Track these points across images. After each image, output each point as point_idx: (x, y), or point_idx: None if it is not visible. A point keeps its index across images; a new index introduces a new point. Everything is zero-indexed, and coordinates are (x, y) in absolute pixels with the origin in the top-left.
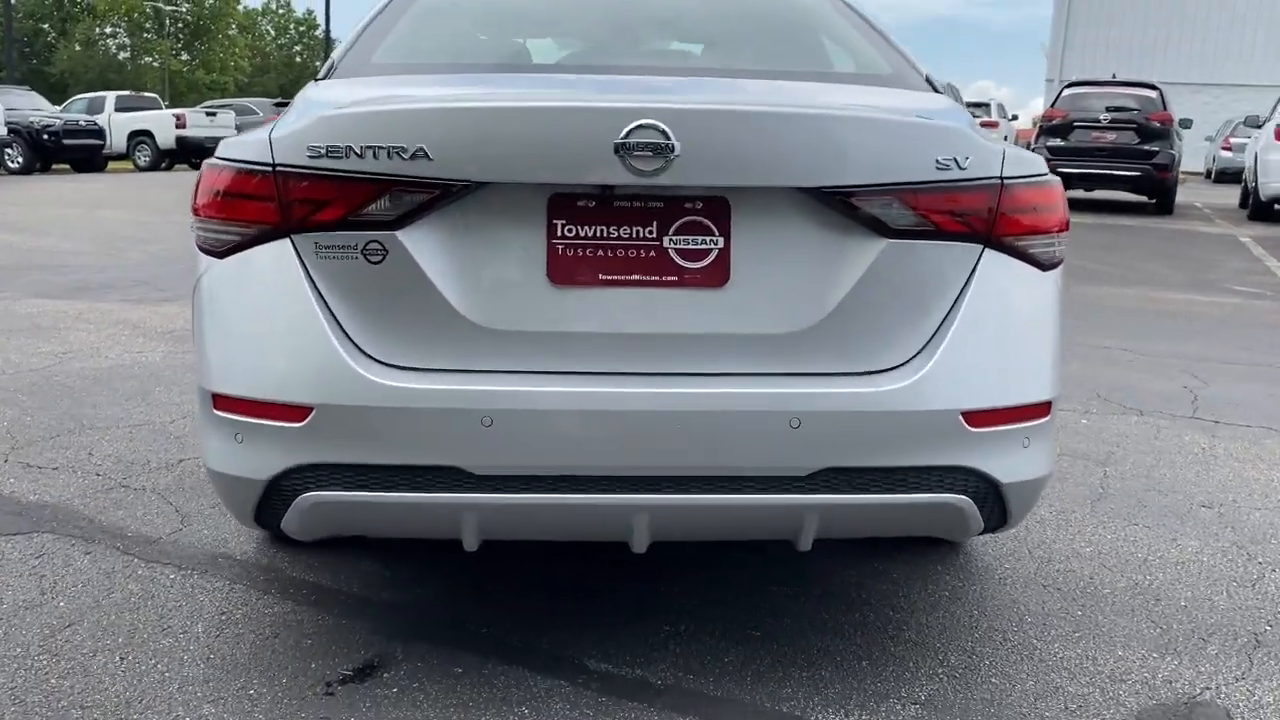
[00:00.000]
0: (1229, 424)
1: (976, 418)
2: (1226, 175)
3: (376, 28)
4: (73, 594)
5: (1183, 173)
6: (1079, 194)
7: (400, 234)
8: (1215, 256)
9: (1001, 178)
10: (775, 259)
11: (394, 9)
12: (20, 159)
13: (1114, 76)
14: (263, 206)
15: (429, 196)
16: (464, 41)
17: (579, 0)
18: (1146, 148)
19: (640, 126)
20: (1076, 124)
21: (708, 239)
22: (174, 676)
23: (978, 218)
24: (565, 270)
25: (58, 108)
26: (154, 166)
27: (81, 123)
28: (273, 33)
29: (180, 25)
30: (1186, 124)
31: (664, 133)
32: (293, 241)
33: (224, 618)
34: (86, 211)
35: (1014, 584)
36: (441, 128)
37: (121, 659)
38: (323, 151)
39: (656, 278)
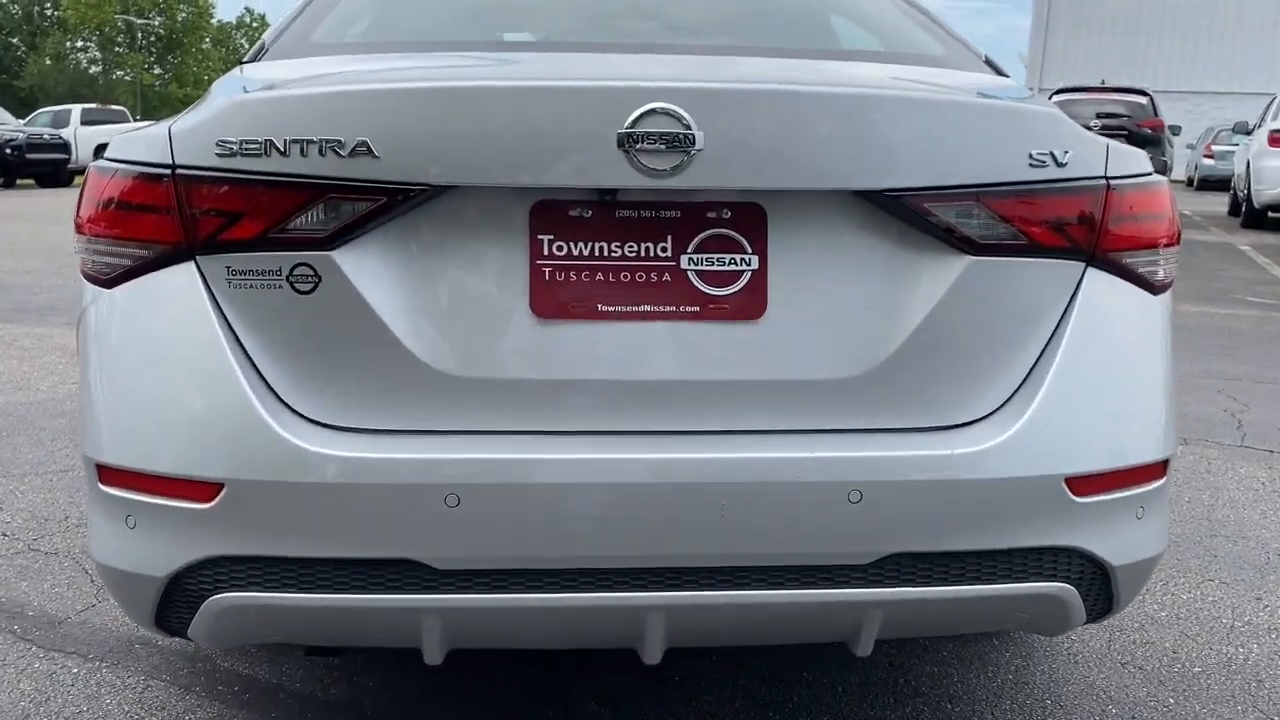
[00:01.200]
0: (1259, 450)
1: (1082, 485)
2: (1209, 183)
3: (320, 3)
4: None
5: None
6: None
7: (336, 254)
8: (1219, 266)
9: (1107, 177)
10: (825, 284)
11: None
12: None
13: (1103, 82)
14: (159, 220)
15: (374, 205)
16: (431, 13)
17: None
18: None
19: (651, 112)
20: None
21: (738, 258)
22: None
23: (1081, 228)
24: (554, 300)
25: (22, 121)
26: None
27: (46, 136)
28: (247, 45)
29: (152, 39)
30: (1176, 130)
31: (682, 120)
32: (198, 265)
33: None
34: (38, 227)
35: (1086, 662)
36: (391, 115)
37: None
38: (235, 149)
39: (673, 308)
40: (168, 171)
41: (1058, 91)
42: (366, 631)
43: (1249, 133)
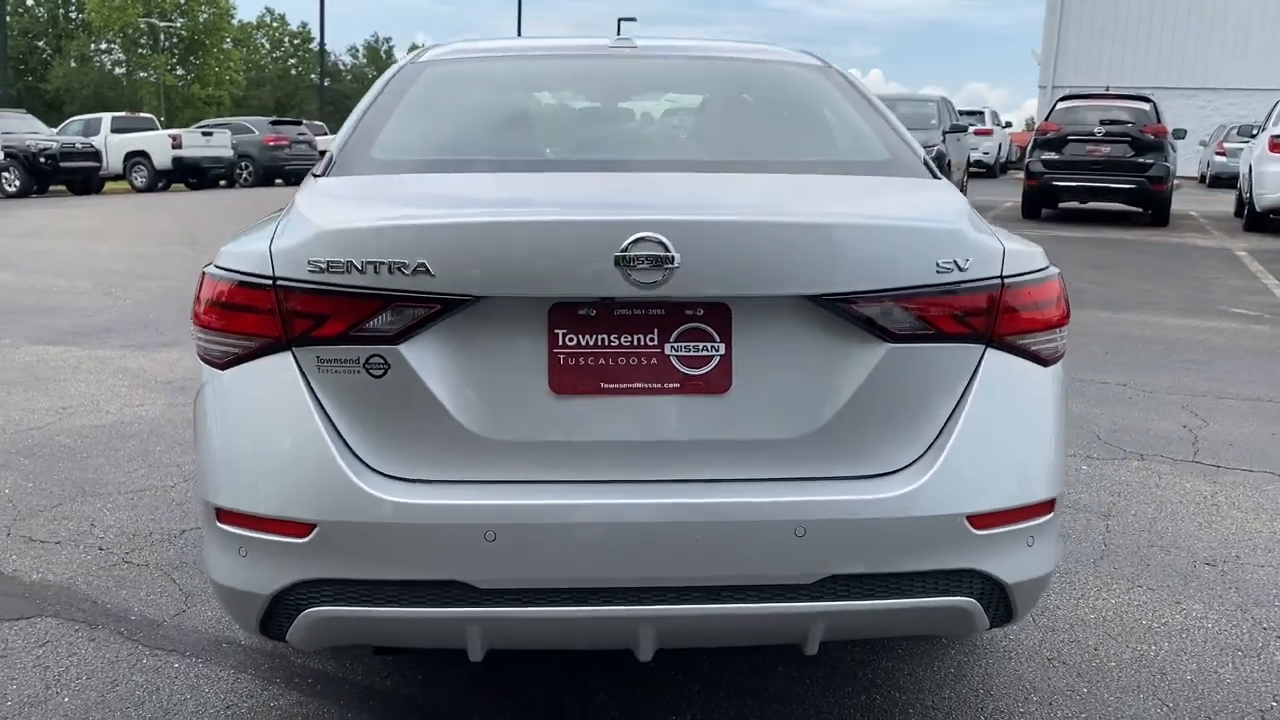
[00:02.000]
0: (1230, 469)
1: (981, 520)
2: (1221, 180)
3: (374, 114)
4: (77, 687)
5: (1178, 178)
6: (1073, 206)
7: (402, 347)
8: (1212, 274)
9: (1002, 277)
10: (778, 365)
11: (391, 91)
12: (17, 182)
13: (1108, 88)
14: (263, 319)
15: (430, 311)
16: (461, 130)
17: (577, 84)
18: (1140, 160)
19: (640, 240)
20: (1070, 137)
21: (709, 346)
22: None
23: (979, 318)
24: (567, 379)
25: (54, 129)
26: (151, 187)
27: (78, 145)
28: (267, 45)
29: (175, 40)
30: (1180, 134)
31: (664, 245)
32: (294, 355)
33: (230, 711)
34: (82, 244)
35: (1019, 658)
36: (442, 243)
37: None
38: (324, 266)
39: (659, 385)
40: (269, 282)
41: (1063, 99)
42: (424, 636)
43: (1253, 136)
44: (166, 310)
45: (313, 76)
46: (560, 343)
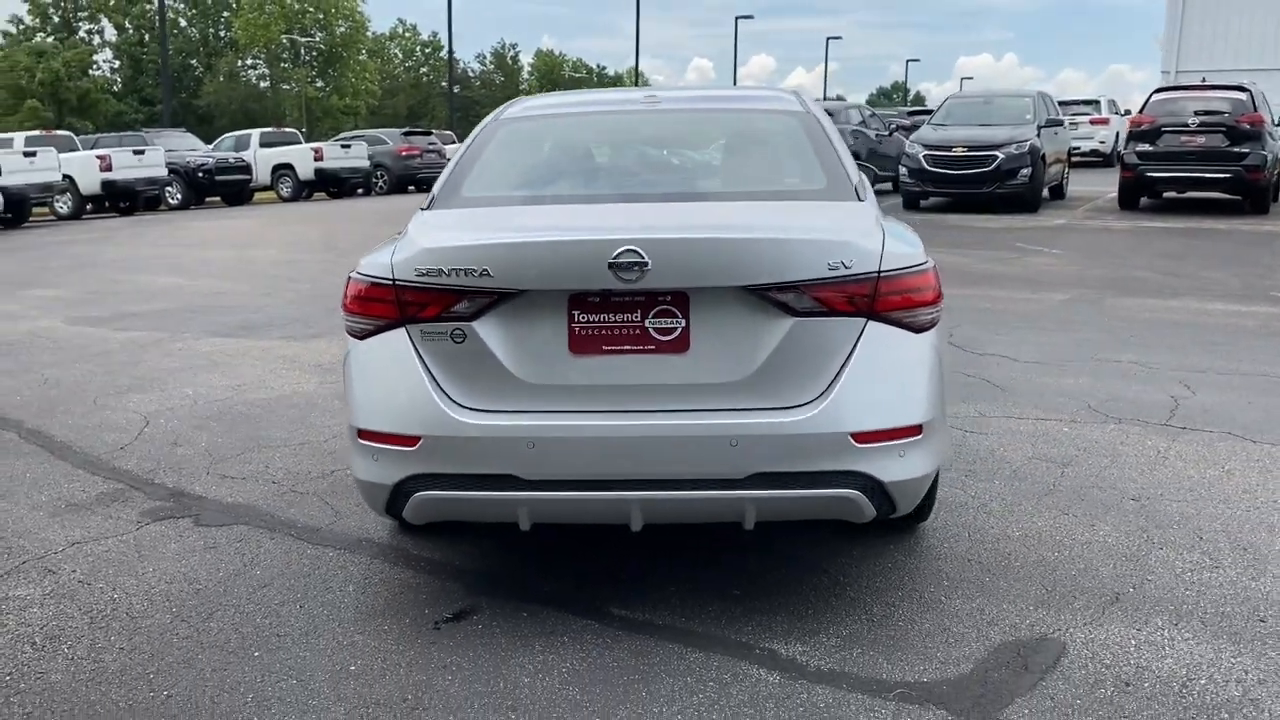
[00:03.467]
0: (1194, 430)
1: (861, 437)
2: None
3: (464, 162)
4: (265, 565)
5: None
6: (1172, 196)
7: (475, 324)
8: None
9: (879, 272)
10: (721, 333)
11: (478, 143)
12: (179, 195)
13: (1204, 80)
14: (387, 307)
15: (491, 300)
16: (520, 174)
17: (604, 135)
18: (1237, 150)
19: (625, 250)
20: (1165, 129)
21: (675, 320)
22: (335, 617)
23: (861, 301)
24: (581, 344)
25: (209, 146)
26: (295, 197)
27: (230, 160)
28: (400, 56)
29: (314, 54)
30: None
31: (640, 254)
32: (406, 330)
33: (366, 580)
34: (240, 251)
35: (946, 559)
36: (497, 256)
37: (300, 607)
38: (425, 272)
39: (641, 347)
40: (390, 282)
41: (1157, 90)
42: (491, 512)
43: None
44: (315, 308)
45: (443, 84)
46: (576, 320)
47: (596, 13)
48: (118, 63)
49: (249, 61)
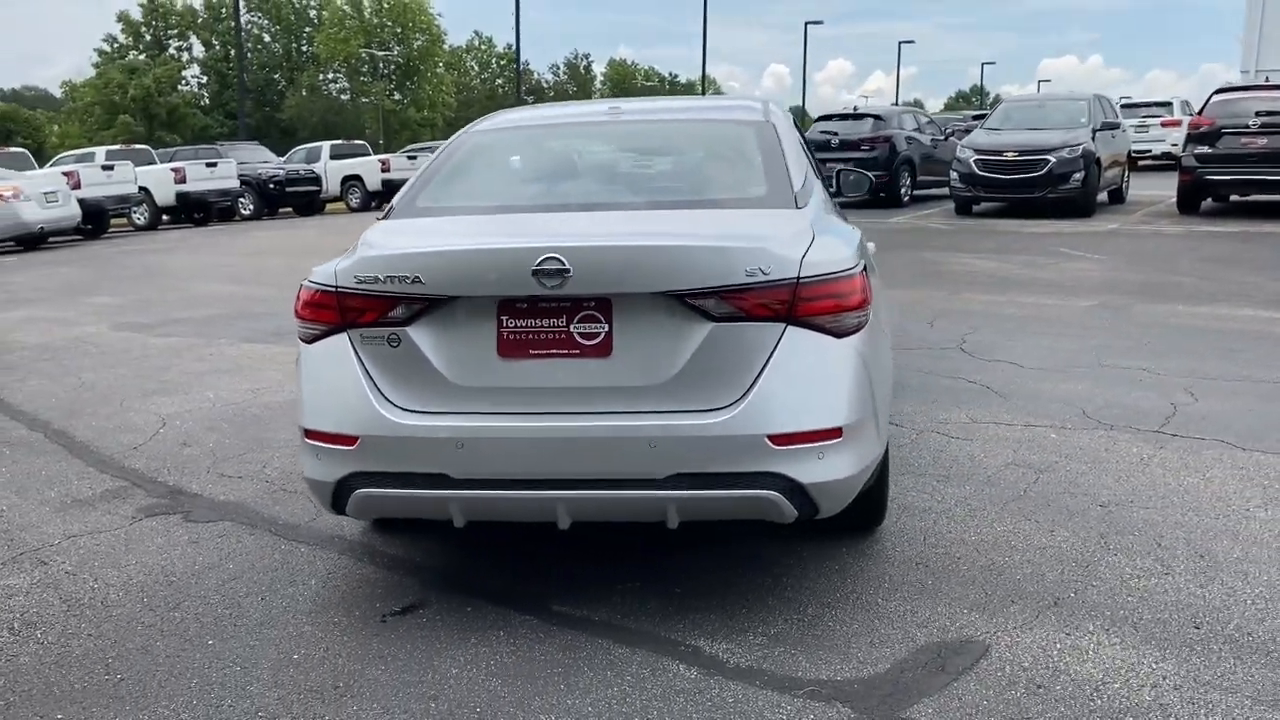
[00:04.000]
0: (1184, 437)
1: (778, 439)
2: None
3: (426, 173)
4: (239, 559)
5: None
6: (1237, 199)
7: (409, 329)
8: None
9: (798, 279)
10: (642, 337)
11: (443, 155)
12: (251, 206)
13: (1267, 79)
14: (331, 313)
15: (423, 306)
16: (468, 190)
17: (561, 148)
18: None
19: (547, 258)
20: (1225, 130)
21: (598, 325)
22: (291, 609)
23: (779, 306)
24: (509, 348)
25: (281, 158)
26: (364, 207)
27: (301, 171)
28: (476, 68)
29: (392, 67)
30: None
31: (562, 261)
32: (348, 335)
33: (329, 574)
34: (296, 260)
35: (894, 562)
36: (429, 264)
37: (262, 599)
38: (363, 279)
39: (566, 351)
40: (333, 289)
41: (1217, 91)
42: (426, 509)
43: None
44: None
45: (520, 94)
46: (505, 325)
47: (675, 21)
48: (205, 78)
49: (330, 75)
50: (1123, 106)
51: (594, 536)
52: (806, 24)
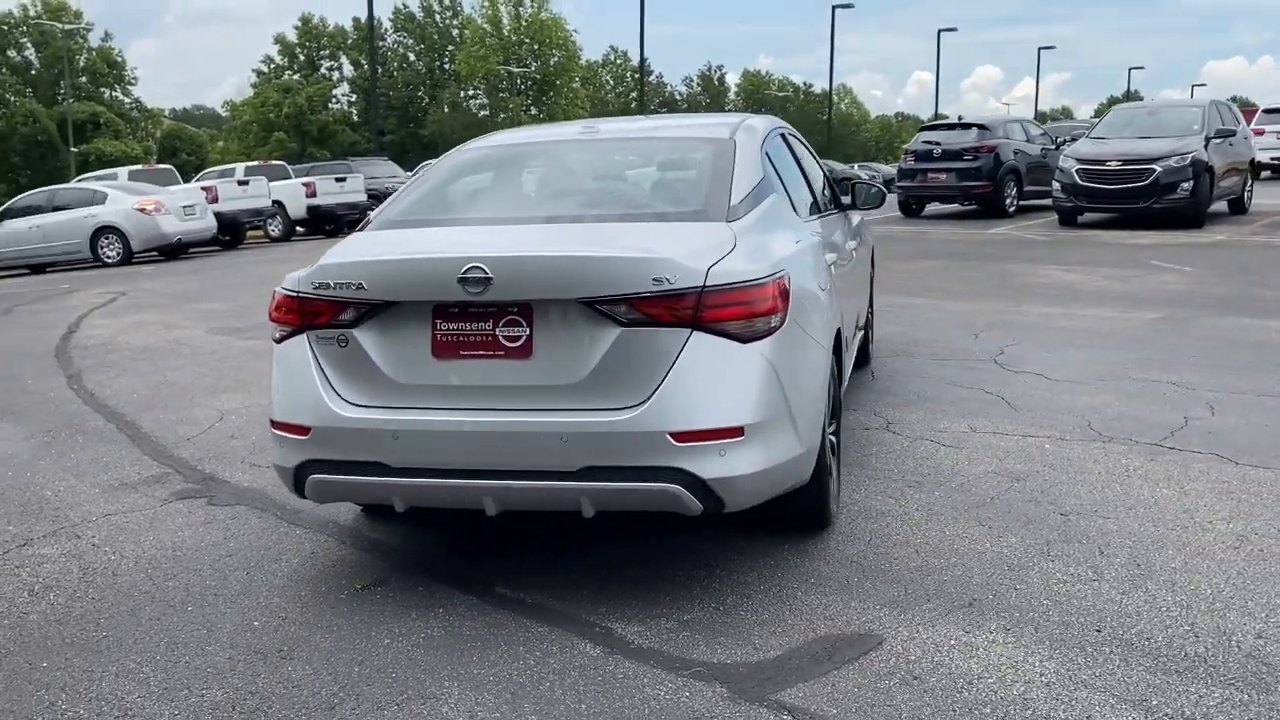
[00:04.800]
0: (1181, 450)
1: (680, 436)
2: None
3: (407, 188)
4: (240, 539)
5: None
6: None
7: (355, 330)
8: None
9: (703, 287)
10: (559, 340)
11: (417, 179)
12: None
13: None
14: (294, 316)
15: (368, 309)
16: (431, 205)
17: (528, 166)
18: None
19: (471, 267)
20: None
21: (521, 329)
22: (269, 583)
23: (684, 313)
24: (442, 349)
25: (409, 172)
26: None
27: None
28: (611, 82)
29: (529, 83)
30: None
31: (484, 270)
32: (307, 336)
33: (312, 554)
34: None
35: (831, 560)
36: (370, 272)
37: (247, 573)
38: (318, 285)
39: (492, 353)
40: (296, 294)
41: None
42: (369, 495)
43: None
44: None
45: (652, 107)
46: (438, 328)
47: (817, 30)
48: (354, 96)
49: (470, 92)
50: (1265, 111)
51: (553, 528)
52: (940, 31)
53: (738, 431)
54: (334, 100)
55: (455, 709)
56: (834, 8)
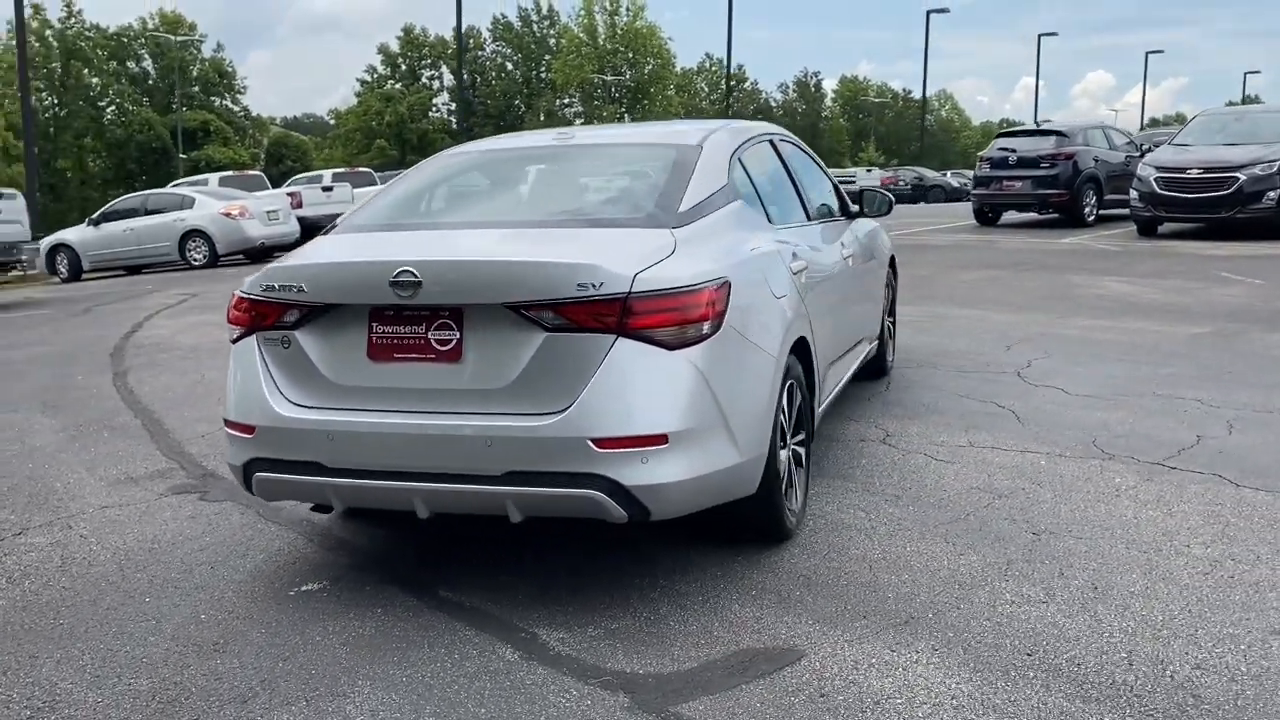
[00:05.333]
0: (1183, 470)
1: (601, 443)
2: None
3: (378, 194)
4: (216, 533)
5: None
6: None
7: (297, 332)
8: None
9: (629, 293)
10: (488, 344)
11: (400, 178)
12: None
13: None
14: (246, 317)
15: (308, 311)
16: (390, 211)
17: (492, 173)
18: None
19: (401, 271)
20: None
21: (451, 333)
22: (228, 578)
23: (610, 319)
24: (377, 351)
25: None
26: None
27: None
28: (706, 89)
29: (623, 91)
30: None
31: (414, 274)
32: (255, 337)
33: (278, 550)
34: None
35: (780, 574)
36: (309, 276)
37: (211, 568)
38: (265, 288)
39: (424, 356)
40: (248, 297)
41: None
42: (309, 494)
43: None
44: None
45: (750, 110)
46: (375, 330)
47: (918, 36)
48: (453, 105)
49: (565, 100)
50: None
51: (513, 534)
52: (1040, 36)
53: (661, 439)
54: (434, 109)
55: (359, 707)
56: (928, 12)
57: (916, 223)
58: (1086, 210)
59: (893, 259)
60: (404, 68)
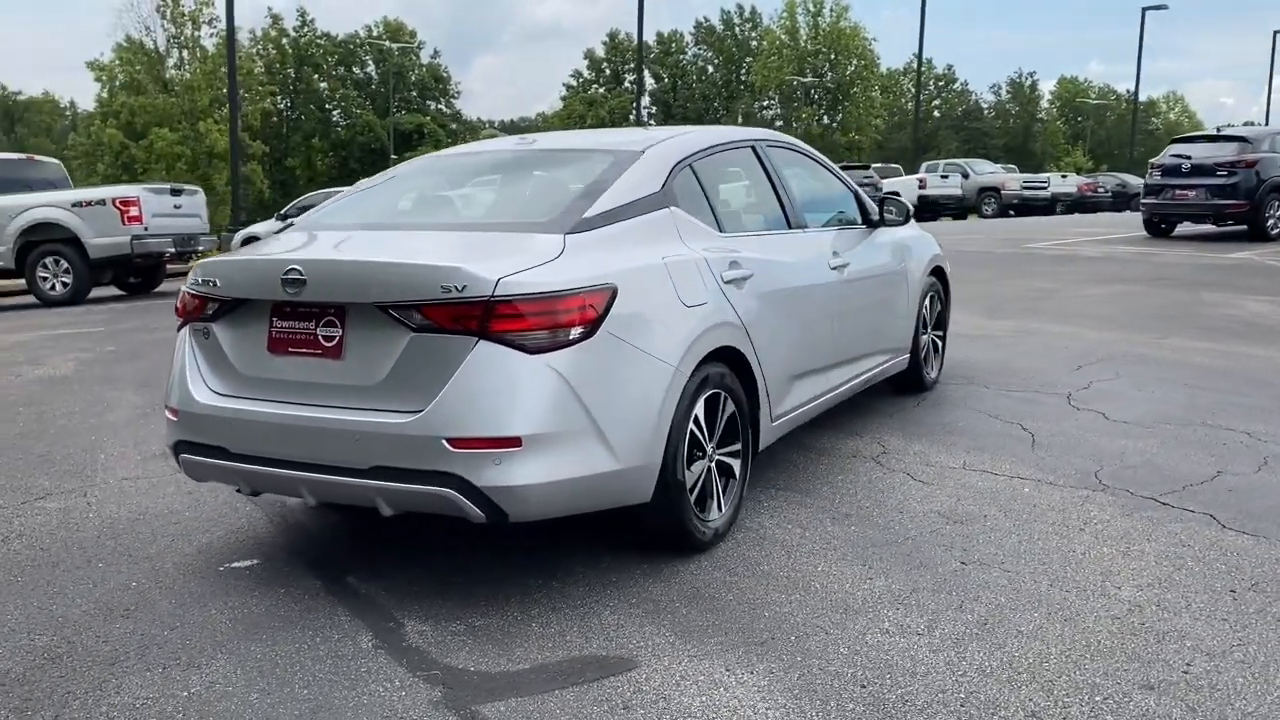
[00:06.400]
0: (1175, 508)
1: (456, 443)
2: None
3: (342, 195)
4: (199, 511)
5: None
6: None
7: (214, 324)
8: None
9: (492, 297)
10: (364, 343)
11: (366, 180)
12: None
13: None
14: (182, 308)
15: (222, 305)
16: (346, 209)
17: (445, 176)
18: None
19: (290, 269)
20: None
21: (335, 330)
22: (181, 550)
23: (472, 321)
24: (275, 345)
25: None
26: None
27: None
28: (911, 89)
29: (823, 92)
30: None
31: (300, 273)
32: (187, 327)
33: (237, 530)
34: None
35: (675, 586)
36: (220, 271)
37: (172, 542)
38: (194, 282)
39: (312, 351)
40: (186, 290)
41: None
42: (220, 476)
43: None
44: None
45: (958, 113)
46: (274, 325)
47: (1155, 36)
48: (653, 108)
49: (764, 102)
50: None
51: (452, 528)
52: (1276, 32)
53: (514, 441)
54: (633, 112)
55: (202, 679)
56: (1144, 10)
57: (1079, 232)
58: (1270, 223)
59: (941, 269)
60: (608, 72)
